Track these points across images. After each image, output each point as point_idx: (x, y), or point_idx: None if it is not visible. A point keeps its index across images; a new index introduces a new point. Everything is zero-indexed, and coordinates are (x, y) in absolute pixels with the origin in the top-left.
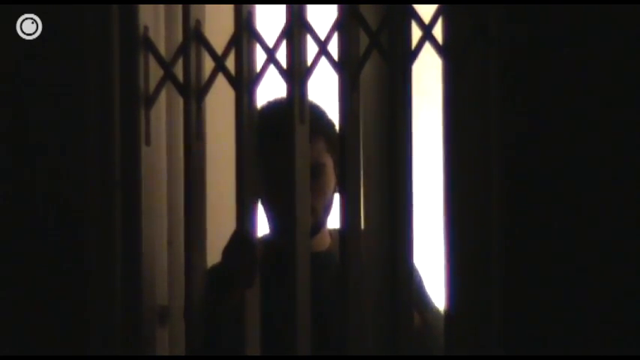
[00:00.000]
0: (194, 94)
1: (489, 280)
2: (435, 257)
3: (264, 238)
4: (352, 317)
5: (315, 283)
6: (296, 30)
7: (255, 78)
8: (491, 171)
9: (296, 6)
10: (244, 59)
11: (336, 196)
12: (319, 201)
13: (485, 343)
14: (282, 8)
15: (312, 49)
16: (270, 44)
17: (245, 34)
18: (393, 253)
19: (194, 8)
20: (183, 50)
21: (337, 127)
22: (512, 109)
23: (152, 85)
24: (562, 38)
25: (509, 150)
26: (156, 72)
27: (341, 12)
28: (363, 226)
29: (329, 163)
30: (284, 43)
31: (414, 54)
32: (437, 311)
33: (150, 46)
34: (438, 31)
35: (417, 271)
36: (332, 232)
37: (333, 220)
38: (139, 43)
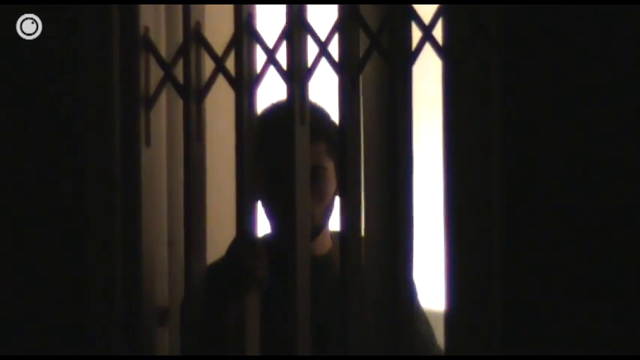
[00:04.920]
0: (194, 95)
1: (489, 280)
2: (435, 257)
3: (265, 238)
4: (352, 320)
5: (316, 287)
6: (296, 31)
7: (255, 79)
8: (491, 171)
9: (296, 6)
10: (244, 60)
11: (337, 199)
12: (319, 205)
13: (485, 343)
14: (282, 9)
15: (312, 49)
16: (271, 45)
17: (245, 34)
18: (393, 253)
19: (194, 9)
20: (183, 51)
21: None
22: (512, 109)
23: (152, 85)
24: (562, 38)
25: (509, 150)
26: (156, 73)
27: (341, 12)
28: (363, 227)
29: (330, 166)
30: (284, 44)
31: (414, 55)
32: (425, 323)
33: (150, 47)
34: (438, 32)
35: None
36: (333, 235)
37: (335, 223)
38: (139, 43)
